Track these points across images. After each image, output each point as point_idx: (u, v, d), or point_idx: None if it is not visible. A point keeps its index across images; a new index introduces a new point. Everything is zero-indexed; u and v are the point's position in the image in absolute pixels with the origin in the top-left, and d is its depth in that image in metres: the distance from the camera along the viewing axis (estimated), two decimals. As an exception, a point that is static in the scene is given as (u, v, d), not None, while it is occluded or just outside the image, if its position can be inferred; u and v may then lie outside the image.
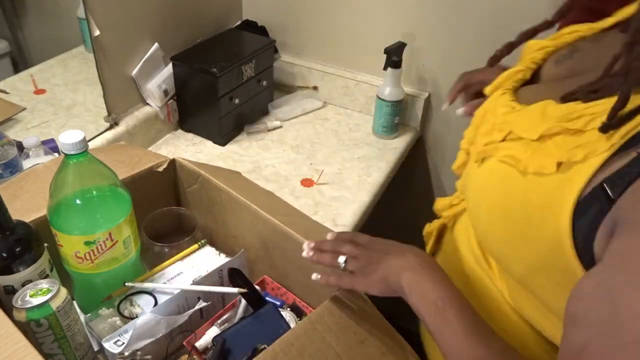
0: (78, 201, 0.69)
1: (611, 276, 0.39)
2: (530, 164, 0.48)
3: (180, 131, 1.34)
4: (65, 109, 1.14)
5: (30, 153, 0.93)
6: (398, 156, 1.30)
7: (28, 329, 0.58)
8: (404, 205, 1.56)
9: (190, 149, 1.28)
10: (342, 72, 1.43)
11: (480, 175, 0.56)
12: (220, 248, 0.78)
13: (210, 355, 0.67)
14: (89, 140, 1.10)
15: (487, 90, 0.66)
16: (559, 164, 0.46)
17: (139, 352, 0.67)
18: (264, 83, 1.37)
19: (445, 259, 0.70)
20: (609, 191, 0.41)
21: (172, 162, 0.87)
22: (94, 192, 0.70)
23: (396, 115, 1.31)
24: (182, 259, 0.82)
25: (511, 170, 0.51)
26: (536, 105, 0.52)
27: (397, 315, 0.76)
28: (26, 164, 0.92)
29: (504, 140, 0.53)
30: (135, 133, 1.19)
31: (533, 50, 0.65)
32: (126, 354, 0.65)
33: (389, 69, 1.26)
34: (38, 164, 0.92)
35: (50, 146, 1.03)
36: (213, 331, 0.71)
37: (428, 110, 1.39)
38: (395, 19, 1.30)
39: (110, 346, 0.65)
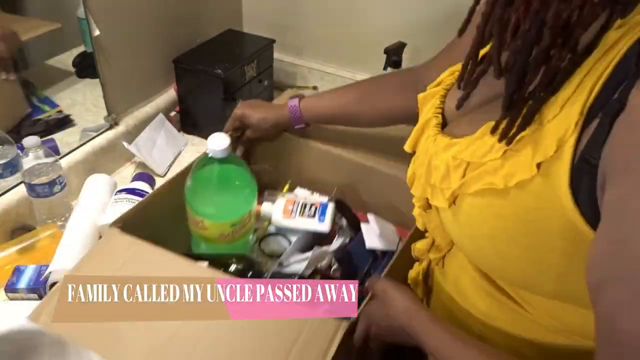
0: (219, 195, 0.83)
1: (613, 228, 0.39)
2: (508, 180, 0.46)
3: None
4: (65, 108, 1.14)
5: (30, 153, 0.92)
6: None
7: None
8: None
9: (190, 149, 1.28)
10: (342, 72, 1.43)
11: (462, 218, 0.53)
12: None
13: (340, 266, 0.84)
14: (88, 140, 1.11)
15: (409, 146, 0.65)
16: (538, 165, 0.45)
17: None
18: (265, 83, 1.37)
19: (442, 300, 0.68)
20: (590, 159, 0.41)
21: None
22: (236, 182, 0.84)
23: (396, 115, 1.31)
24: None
25: (491, 198, 0.49)
26: (479, 132, 0.51)
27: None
28: (26, 164, 0.92)
29: (464, 176, 0.51)
30: (136, 133, 1.19)
31: (428, 100, 0.65)
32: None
33: (389, 68, 1.26)
34: (38, 164, 0.92)
35: (50, 146, 1.03)
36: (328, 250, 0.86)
37: (428, 110, 1.39)
38: (395, 19, 1.30)
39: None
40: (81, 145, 1.09)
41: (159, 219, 0.81)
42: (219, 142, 0.78)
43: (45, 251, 0.89)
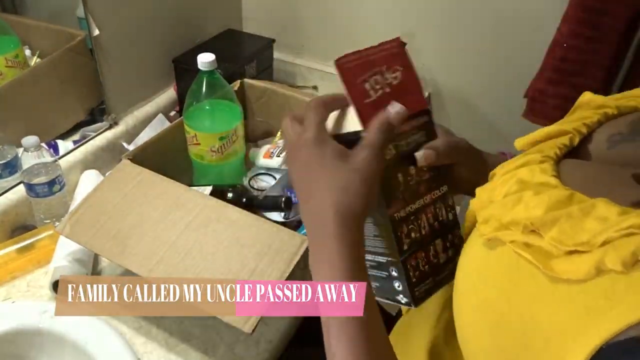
0: (208, 107, 0.96)
1: None
2: (562, 268, 0.34)
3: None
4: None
5: (30, 153, 0.92)
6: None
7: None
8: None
9: (190, 149, 1.28)
10: (342, 72, 1.43)
11: (481, 260, 0.42)
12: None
13: None
14: (87, 140, 1.11)
15: (519, 144, 0.51)
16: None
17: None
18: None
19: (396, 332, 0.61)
20: None
21: (242, 84, 1.15)
22: (220, 100, 0.97)
23: (396, 115, 1.31)
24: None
25: (527, 267, 0.36)
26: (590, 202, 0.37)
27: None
28: (25, 164, 0.92)
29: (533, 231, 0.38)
30: (135, 133, 1.19)
31: (590, 108, 0.49)
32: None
33: (389, 68, 1.26)
34: (37, 163, 0.92)
35: (49, 146, 1.03)
36: None
37: (428, 110, 1.39)
38: (395, 19, 1.30)
39: None
40: (80, 145, 1.09)
41: (167, 154, 0.96)
42: (206, 56, 0.93)
43: (45, 251, 0.89)
